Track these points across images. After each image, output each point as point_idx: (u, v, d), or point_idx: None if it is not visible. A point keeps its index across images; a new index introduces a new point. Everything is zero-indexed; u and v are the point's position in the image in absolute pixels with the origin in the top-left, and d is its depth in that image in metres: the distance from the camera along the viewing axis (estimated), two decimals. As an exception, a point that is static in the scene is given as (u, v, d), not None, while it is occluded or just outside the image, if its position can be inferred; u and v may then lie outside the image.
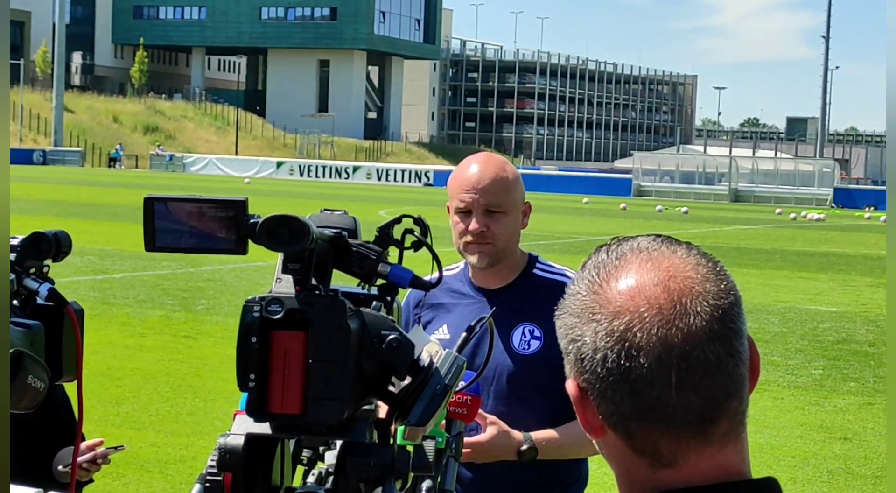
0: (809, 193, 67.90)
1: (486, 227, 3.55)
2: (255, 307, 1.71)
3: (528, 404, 3.60)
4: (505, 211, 3.58)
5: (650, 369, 1.35)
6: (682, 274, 1.39)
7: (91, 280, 18.02)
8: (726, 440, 1.39)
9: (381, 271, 1.87)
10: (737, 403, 1.39)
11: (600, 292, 1.40)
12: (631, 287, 1.39)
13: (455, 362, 1.82)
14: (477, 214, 3.55)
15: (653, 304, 1.37)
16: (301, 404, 1.71)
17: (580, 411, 1.42)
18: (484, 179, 3.56)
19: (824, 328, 16.41)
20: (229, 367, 11.19)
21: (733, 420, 1.39)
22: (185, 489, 7.86)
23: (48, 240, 1.88)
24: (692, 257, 1.42)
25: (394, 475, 1.79)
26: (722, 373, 1.37)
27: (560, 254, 24.82)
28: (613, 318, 1.38)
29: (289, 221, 1.70)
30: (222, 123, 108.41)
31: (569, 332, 1.42)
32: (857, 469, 9.27)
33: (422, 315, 3.66)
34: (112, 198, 41.60)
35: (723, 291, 1.40)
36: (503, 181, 3.58)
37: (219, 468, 1.76)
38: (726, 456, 1.39)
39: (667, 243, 1.44)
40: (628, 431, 1.38)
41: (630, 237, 1.47)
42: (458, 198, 3.58)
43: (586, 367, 1.39)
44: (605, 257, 1.44)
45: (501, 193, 3.57)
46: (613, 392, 1.37)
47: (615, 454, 1.42)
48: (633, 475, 1.41)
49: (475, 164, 3.63)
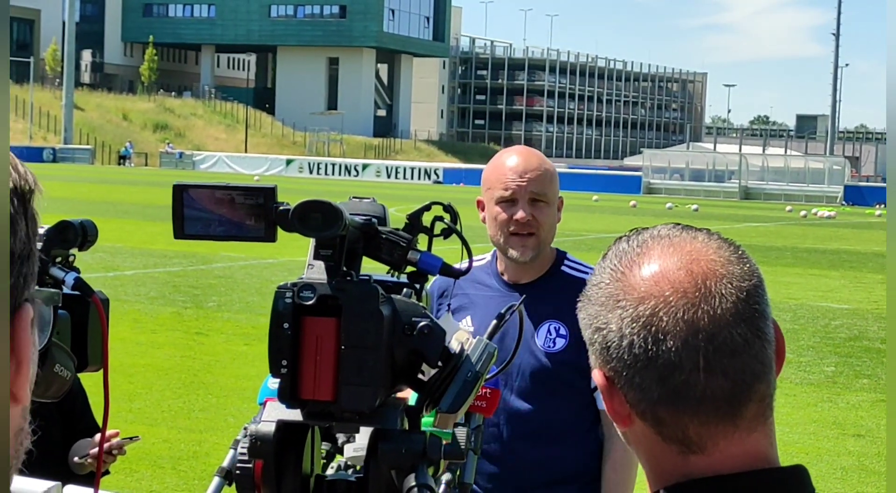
0: (820, 190, 67.75)
1: (531, 216, 3.53)
2: (288, 293, 1.71)
3: (550, 401, 3.59)
4: (548, 202, 3.56)
5: (677, 352, 1.35)
6: (704, 257, 1.39)
7: (102, 277, 18.03)
8: (755, 424, 1.39)
9: (410, 259, 1.86)
10: (765, 386, 1.39)
11: (623, 279, 1.40)
12: (655, 273, 1.38)
13: (486, 349, 1.82)
14: (523, 203, 3.53)
15: (677, 288, 1.37)
16: (333, 390, 1.70)
17: (607, 400, 1.42)
18: (530, 167, 3.54)
19: (836, 325, 16.39)
20: (241, 363, 11.22)
21: (761, 404, 1.39)
22: (198, 484, 7.87)
23: (74, 229, 1.87)
24: (713, 241, 1.42)
25: (426, 462, 1.78)
26: (749, 355, 1.37)
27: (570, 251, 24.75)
28: (638, 303, 1.37)
29: (322, 206, 1.69)
30: (232, 121, 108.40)
31: (593, 321, 1.41)
32: (870, 466, 9.25)
33: (448, 305, 3.64)
34: (122, 195, 41.64)
35: (746, 273, 1.40)
36: (548, 171, 3.58)
37: (250, 455, 1.75)
38: (755, 441, 1.39)
39: (687, 230, 1.44)
40: (657, 417, 1.38)
41: (649, 227, 1.47)
42: (501, 187, 3.54)
43: (612, 355, 1.39)
44: (626, 246, 1.44)
45: (547, 182, 3.56)
46: (641, 379, 1.37)
47: (643, 442, 1.41)
48: (662, 462, 1.40)
49: (516, 155, 3.61)
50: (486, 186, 3.60)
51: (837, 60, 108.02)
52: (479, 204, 3.64)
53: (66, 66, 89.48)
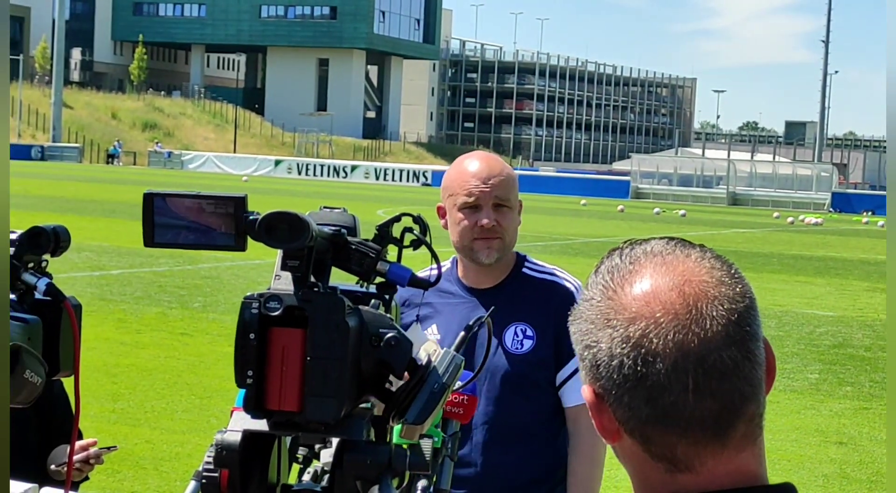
0: (807, 197, 67.86)
1: (496, 221, 3.56)
2: (254, 304, 1.71)
3: (520, 403, 3.62)
4: (511, 206, 3.60)
5: (667, 375, 1.35)
6: (697, 278, 1.38)
7: (88, 276, 18.01)
8: (744, 444, 1.39)
9: (379, 269, 1.86)
10: (754, 406, 1.39)
11: (615, 297, 1.40)
12: (646, 292, 1.38)
13: (453, 360, 1.82)
14: (487, 209, 3.55)
15: (668, 309, 1.36)
16: (299, 401, 1.71)
17: (596, 416, 1.42)
18: (493, 173, 3.57)
19: (821, 332, 16.42)
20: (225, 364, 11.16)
21: (750, 424, 1.39)
22: (180, 486, 7.86)
23: (47, 234, 1.87)
24: (707, 260, 1.41)
25: (391, 473, 1.79)
26: (739, 377, 1.37)
27: (557, 255, 24.82)
28: (629, 324, 1.37)
29: (288, 217, 1.70)
30: (221, 121, 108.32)
31: (584, 338, 1.41)
32: (852, 474, 9.27)
33: (417, 316, 3.65)
34: (110, 194, 41.56)
35: (738, 294, 1.39)
36: (510, 176, 3.61)
37: (215, 464, 1.76)
38: (743, 460, 1.39)
39: (681, 247, 1.43)
40: (645, 436, 1.38)
41: (643, 240, 1.46)
42: (464, 193, 3.56)
43: (602, 373, 1.39)
44: (618, 262, 1.43)
45: (509, 187, 3.59)
46: (630, 398, 1.37)
47: (632, 459, 1.41)
48: (650, 479, 1.40)
49: (478, 160, 3.63)
50: (447, 193, 3.63)
51: (827, 67, 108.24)
52: (440, 210, 3.66)
53: (56, 64, 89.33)
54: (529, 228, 33.02)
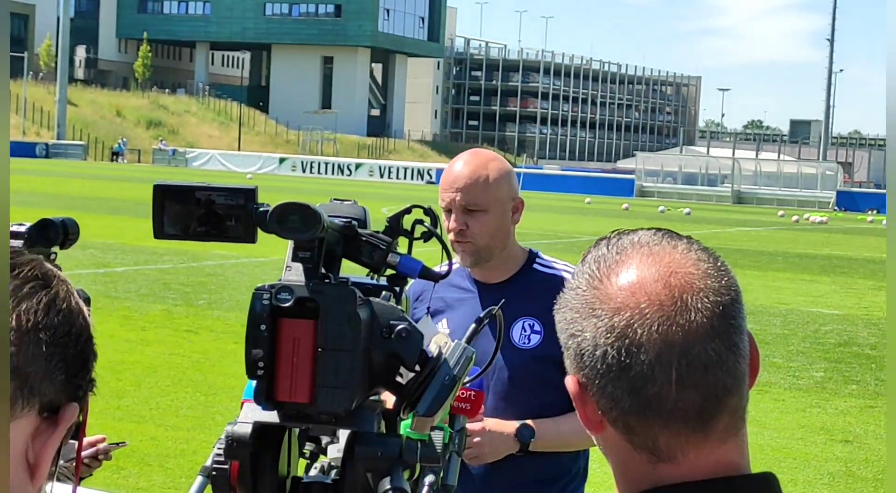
0: (812, 195, 67.82)
1: (464, 225, 3.55)
2: (265, 295, 1.71)
3: (528, 398, 3.61)
4: (485, 209, 3.55)
5: (650, 365, 1.35)
6: (682, 270, 1.38)
7: (93, 274, 18.02)
8: (726, 435, 1.38)
9: (390, 262, 1.86)
10: (737, 399, 1.39)
11: (600, 287, 1.39)
12: (632, 283, 1.38)
13: (464, 353, 1.82)
14: (456, 213, 3.55)
15: (653, 300, 1.36)
16: (310, 392, 1.70)
17: (579, 406, 1.41)
18: (461, 178, 3.55)
19: (826, 331, 16.40)
20: (230, 362, 11.19)
21: (733, 416, 1.39)
22: (185, 482, 7.86)
23: (56, 227, 1.87)
24: (693, 252, 1.41)
25: (402, 465, 1.78)
26: (722, 370, 1.36)
27: (562, 253, 24.66)
28: (614, 314, 1.36)
29: (300, 208, 1.69)
30: (225, 119, 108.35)
31: (568, 327, 1.41)
32: (857, 472, 9.26)
33: (428, 308, 3.65)
34: (114, 192, 41.59)
35: (723, 287, 1.39)
36: (480, 179, 3.55)
37: (226, 456, 1.75)
38: (726, 452, 1.39)
39: (667, 238, 1.43)
40: (627, 426, 1.38)
41: (630, 231, 1.46)
42: (441, 197, 3.59)
43: (586, 363, 1.38)
44: (605, 252, 1.43)
45: (478, 191, 3.54)
46: (613, 388, 1.37)
47: (614, 449, 1.41)
48: (632, 469, 1.40)
49: (459, 161, 3.63)
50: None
51: (832, 66, 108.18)
52: None
53: (60, 62, 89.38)
54: (534, 225, 33.07)
